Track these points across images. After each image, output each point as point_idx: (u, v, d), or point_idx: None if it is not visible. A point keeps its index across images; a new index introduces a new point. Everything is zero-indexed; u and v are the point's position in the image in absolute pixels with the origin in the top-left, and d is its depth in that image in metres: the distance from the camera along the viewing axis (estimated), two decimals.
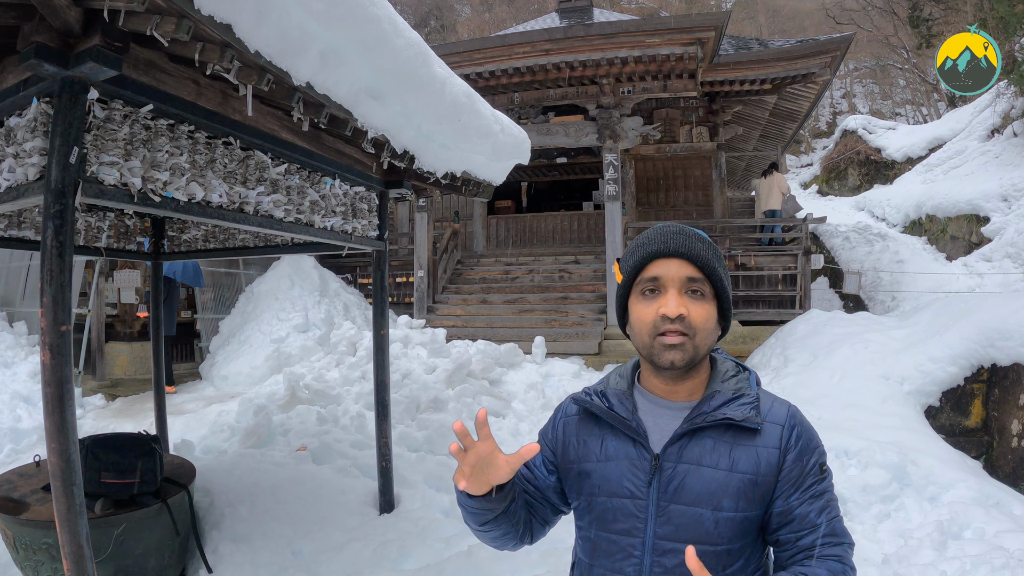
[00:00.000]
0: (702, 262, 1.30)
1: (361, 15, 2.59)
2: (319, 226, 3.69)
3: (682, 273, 1.30)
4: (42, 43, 2.14)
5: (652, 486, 1.30)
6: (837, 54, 11.28)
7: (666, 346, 1.28)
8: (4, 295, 9.33)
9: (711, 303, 1.32)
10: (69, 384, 2.30)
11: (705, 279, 1.30)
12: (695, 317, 1.28)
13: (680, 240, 1.31)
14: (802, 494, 1.28)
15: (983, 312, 6.81)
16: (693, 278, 1.30)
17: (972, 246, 12.59)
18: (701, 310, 1.29)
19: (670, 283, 1.30)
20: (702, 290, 1.30)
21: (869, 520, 4.70)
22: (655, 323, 1.29)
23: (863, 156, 23.14)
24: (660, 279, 1.31)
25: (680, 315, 1.27)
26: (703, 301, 1.30)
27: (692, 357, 1.29)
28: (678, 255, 1.30)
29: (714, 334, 1.33)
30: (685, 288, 1.30)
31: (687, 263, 1.30)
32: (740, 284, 11.05)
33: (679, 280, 1.30)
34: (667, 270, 1.31)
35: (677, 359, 1.28)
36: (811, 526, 1.26)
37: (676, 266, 1.30)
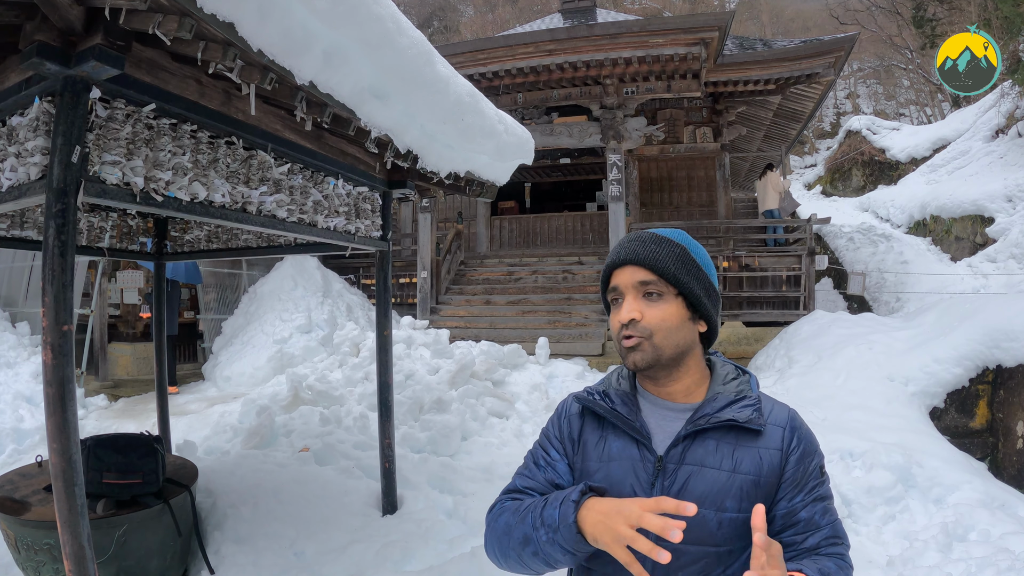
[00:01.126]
0: (652, 264, 1.33)
1: (364, 14, 2.58)
2: (322, 226, 3.68)
3: (634, 278, 1.35)
4: (44, 42, 2.14)
5: (656, 487, 1.30)
6: (841, 54, 11.26)
7: (626, 349, 1.34)
8: (7, 295, 9.34)
9: (671, 303, 1.34)
10: (71, 384, 2.29)
11: (659, 279, 1.33)
12: (649, 318, 1.32)
13: (632, 247, 1.36)
14: (806, 496, 1.31)
15: (988, 313, 6.79)
16: (645, 281, 1.34)
17: (977, 247, 12.55)
18: (655, 311, 1.33)
19: (625, 290, 1.36)
20: (657, 291, 1.33)
21: (874, 522, 4.68)
22: (619, 330, 1.35)
23: (867, 157, 23.09)
24: (618, 288, 1.38)
25: (632, 319, 1.32)
26: (659, 302, 1.34)
27: (654, 357, 1.33)
28: (628, 262, 1.36)
29: (679, 332, 1.35)
30: (640, 292, 1.34)
31: (638, 268, 1.34)
32: (744, 285, 11.03)
33: (631, 285, 1.35)
34: (621, 279, 1.37)
35: (637, 360, 1.33)
36: (815, 527, 1.30)
37: (628, 273, 1.36)
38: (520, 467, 1.51)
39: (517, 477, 1.48)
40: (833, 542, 1.31)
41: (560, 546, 1.23)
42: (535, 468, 1.47)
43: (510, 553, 1.35)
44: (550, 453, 1.47)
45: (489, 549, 1.41)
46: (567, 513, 1.22)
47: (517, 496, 1.44)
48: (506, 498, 1.45)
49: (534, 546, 1.28)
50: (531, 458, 1.50)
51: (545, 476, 1.44)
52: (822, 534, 1.30)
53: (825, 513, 1.32)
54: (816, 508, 1.31)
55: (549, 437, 1.49)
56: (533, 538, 1.28)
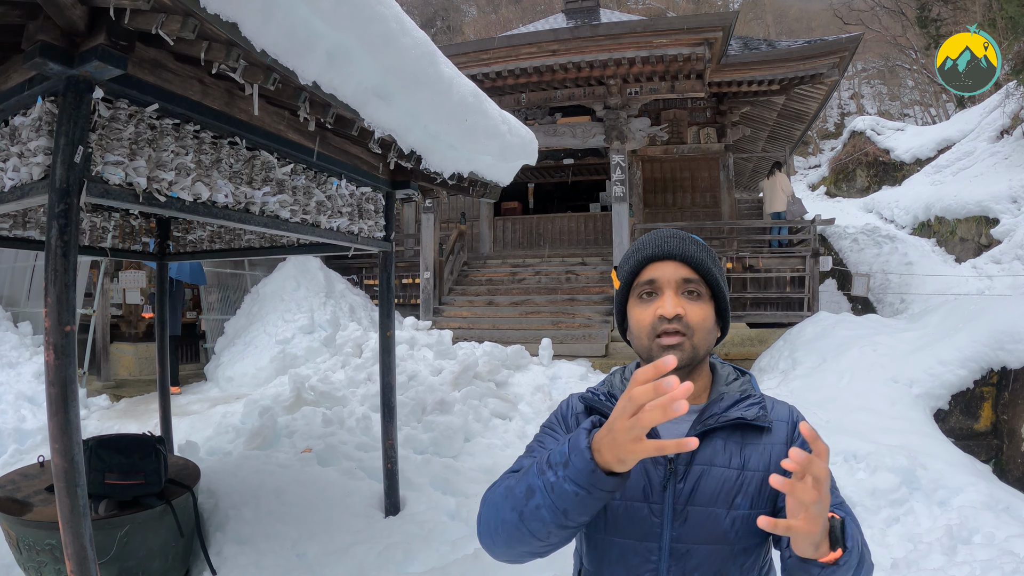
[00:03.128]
0: (697, 263, 1.32)
1: (368, 14, 2.57)
2: (325, 227, 3.68)
3: (678, 275, 1.32)
4: (47, 42, 2.14)
5: (667, 490, 1.30)
6: (845, 55, 11.24)
7: (664, 346, 1.29)
8: (9, 295, 9.36)
9: (708, 303, 1.33)
10: (73, 384, 2.29)
11: (701, 280, 1.32)
12: (692, 317, 1.30)
13: (674, 243, 1.34)
14: None
15: (993, 314, 6.77)
16: (688, 279, 1.32)
17: (981, 248, 12.51)
18: (698, 310, 1.31)
19: (666, 285, 1.32)
20: (698, 290, 1.32)
21: (878, 524, 4.66)
22: (653, 324, 1.30)
23: (871, 157, 23.06)
24: (656, 281, 1.33)
25: (677, 315, 1.28)
26: (700, 301, 1.32)
27: (691, 357, 1.30)
28: (672, 257, 1.33)
29: (712, 334, 1.34)
30: (681, 289, 1.32)
31: (682, 265, 1.32)
32: (748, 286, 11.01)
33: (675, 281, 1.32)
34: (663, 272, 1.33)
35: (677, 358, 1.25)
36: None
37: (672, 268, 1.33)
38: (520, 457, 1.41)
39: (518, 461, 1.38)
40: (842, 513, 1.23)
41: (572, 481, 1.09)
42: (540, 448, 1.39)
43: (507, 516, 1.22)
44: (558, 436, 1.40)
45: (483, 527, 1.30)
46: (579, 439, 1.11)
47: None
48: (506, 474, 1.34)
49: (541, 495, 1.14)
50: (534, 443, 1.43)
51: None
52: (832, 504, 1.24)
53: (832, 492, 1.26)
54: None
55: (554, 428, 1.45)
56: (539, 485, 1.15)
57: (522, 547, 1.24)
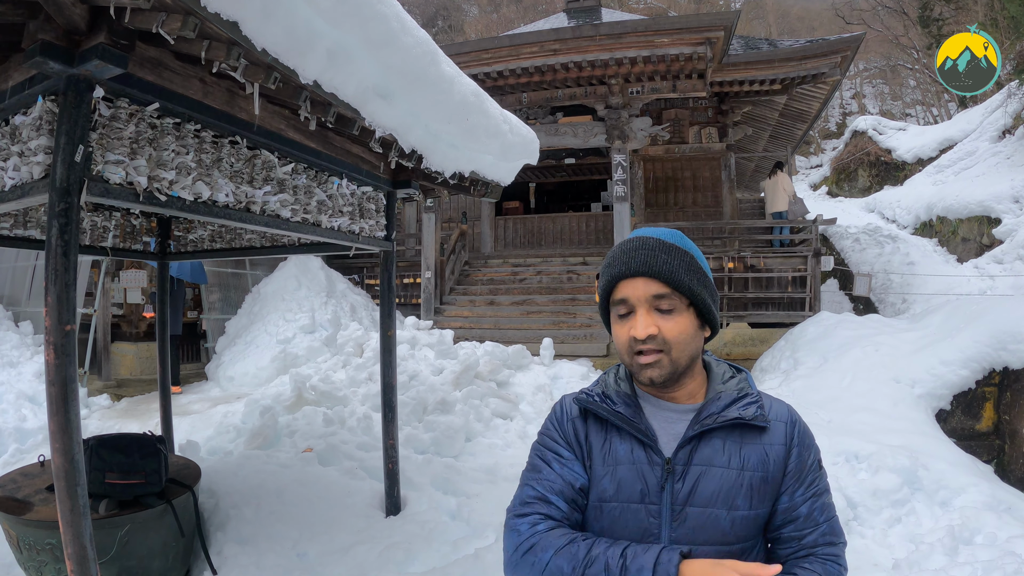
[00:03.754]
0: (666, 276, 1.29)
1: (369, 12, 2.56)
2: (326, 226, 3.67)
3: (648, 291, 1.30)
4: (47, 41, 2.13)
5: (665, 490, 1.30)
6: (847, 54, 11.23)
7: (642, 365, 1.29)
8: (10, 295, 9.36)
9: (684, 314, 1.31)
10: (73, 384, 2.28)
11: (673, 292, 1.29)
12: (667, 333, 1.28)
13: (642, 257, 1.31)
14: (805, 491, 1.32)
15: (995, 315, 6.76)
16: (660, 295, 1.29)
17: (983, 248, 12.49)
18: (673, 325, 1.29)
19: (637, 303, 1.31)
20: (671, 305, 1.30)
21: (880, 525, 4.65)
22: (630, 344, 1.30)
23: (873, 157, 23.04)
24: (628, 300, 1.31)
25: (650, 335, 1.28)
26: (674, 315, 1.30)
27: (671, 371, 1.30)
28: (640, 274, 1.30)
29: (694, 342, 1.33)
30: (653, 305, 1.30)
31: (651, 280, 1.29)
32: (749, 286, 11.00)
33: (645, 299, 1.30)
34: (633, 291, 1.31)
35: (655, 375, 1.29)
36: (814, 524, 1.31)
37: (642, 285, 1.30)
38: (526, 474, 1.42)
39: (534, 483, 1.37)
40: (830, 540, 1.31)
41: None
42: (548, 469, 1.38)
43: None
44: (562, 453, 1.39)
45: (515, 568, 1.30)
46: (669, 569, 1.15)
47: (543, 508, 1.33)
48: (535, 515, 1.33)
49: None
50: (541, 462, 1.40)
51: (564, 479, 1.35)
52: (820, 531, 1.30)
53: (824, 509, 1.32)
54: (816, 504, 1.31)
55: (555, 439, 1.42)
56: None
57: None
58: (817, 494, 1.32)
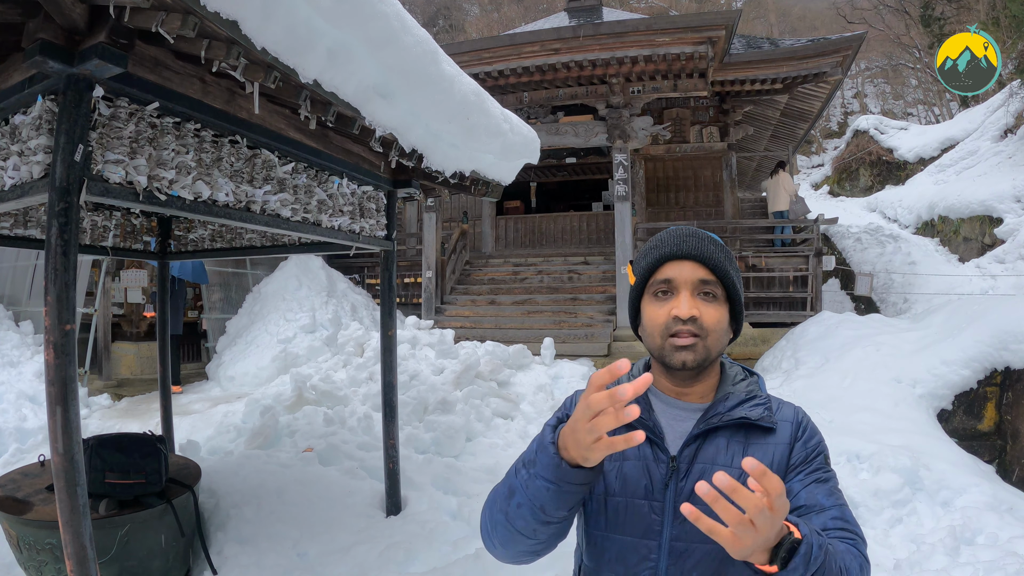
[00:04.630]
0: (714, 264, 1.30)
1: (369, 11, 2.56)
2: (326, 225, 3.67)
3: (695, 275, 1.30)
4: (47, 40, 2.13)
5: (669, 488, 1.29)
6: (848, 53, 11.20)
7: (677, 347, 1.28)
8: (10, 294, 9.35)
9: (723, 306, 1.32)
10: (73, 383, 2.28)
11: (717, 282, 1.31)
12: (707, 319, 1.28)
13: (693, 243, 1.32)
14: (806, 476, 1.28)
15: (996, 314, 6.75)
16: (706, 280, 1.30)
17: (985, 247, 12.47)
18: (713, 312, 1.30)
19: (682, 285, 1.30)
20: (714, 292, 1.30)
21: (881, 525, 4.65)
22: (667, 324, 1.29)
23: (875, 156, 23.00)
24: (673, 281, 1.31)
25: (692, 316, 1.27)
26: (715, 303, 1.31)
27: (704, 358, 1.29)
28: (691, 257, 1.31)
29: (725, 336, 1.33)
30: (697, 290, 1.30)
31: (700, 265, 1.31)
32: (751, 285, 10.98)
33: (691, 282, 1.30)
34: (680, 272, 1.31)
35: (689, 359, 1.28)
36: (819, 507, 1.25)
37: (689, 268, 1.31)
38: None
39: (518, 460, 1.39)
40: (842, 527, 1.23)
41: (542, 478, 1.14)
42: None
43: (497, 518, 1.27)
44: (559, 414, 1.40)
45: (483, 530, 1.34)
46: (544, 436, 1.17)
47: None
48: None
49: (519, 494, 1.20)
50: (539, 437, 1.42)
51: None
52: (828, 515, 1.23)
53: (830, 495, 1.27)
54: (818, 489, 1.27)
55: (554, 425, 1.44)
56: (516, 484, 1.22)
57: (516, 547, 1.28)
58: (819, 480, 1.28)
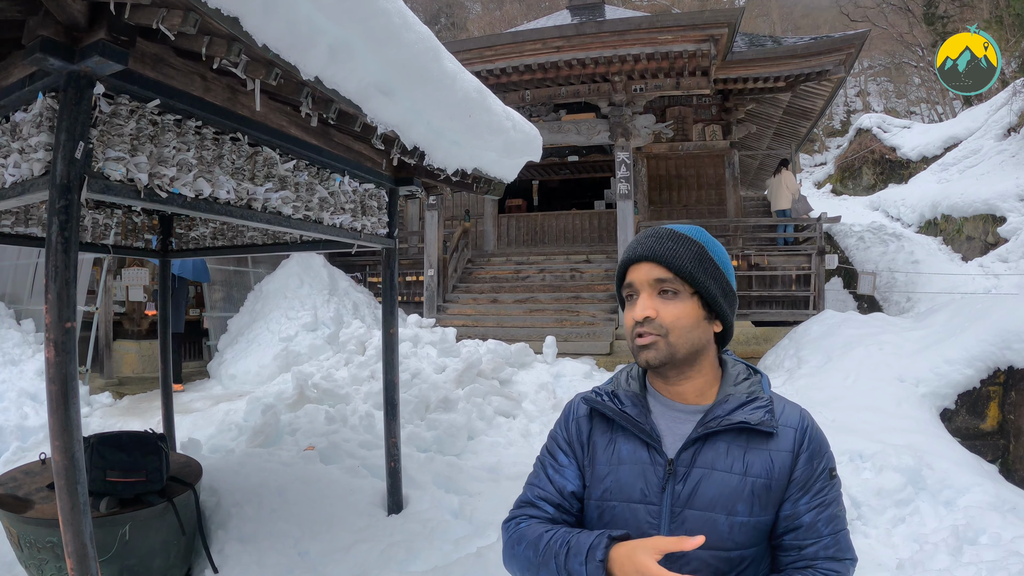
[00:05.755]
0: (668, 261, 1.31)
1: (370, 8, 2.55)
2: (328, 223, 3.66)
3: (650, 276, 1.33)
4: (47, 37, 2.12)
5: (666, 491, 1.29)
6: (852, 51, 11.18)
7: (639, 347, 1.32)
8: (12, 293, 9.35)
9: (687, 301, 1.32)
10: (74, 381, 2.27)
11: (675, 278, 1.31)
12: (665, 316, 1.30)
13: (649, 244, 1.35)
14: (811, 499, 1.28)
15: (999, 313, 6.73)
16: (661, 279, 1.32)
17: (988, 246, 12.46)
18: (673, 309, 1.31)
19: (640, 287, 1.34)
20: (674, 289, 1.32)
21: (883, 524, 4.63)
22: (633, 327, 1.34)
23: (877, 155, 22.96)
24: (633, 284, 1.36)
25: (647, 317, 1.31)
26: (676, 300, 1.32)
27: (668, 355, 1.31)
28: (645, 258, 1.34)
29: (695, 331, 1.33)
30: (656, 289, 1.32)
31: (655, 265, 1.32)
32: (753, 284, 10.97)
33: (647, 283, 1.33)
34: (637, 275, 1.35)
35: (651, 358, 1.31)
36: (817, 536, 1.28)
37: (645, 269, 1.34)
38: (530, 475, 1.49)
39: (528, 488, 1.46)
40: (833, 555, 1.27)
41: None
42: (544, 477, 1.45)
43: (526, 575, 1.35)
44: (558, 458, 1.44)
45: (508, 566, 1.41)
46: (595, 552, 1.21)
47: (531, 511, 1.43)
48: (521, 516, 1.43)
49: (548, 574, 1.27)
50: (540, 465, 1.47)
51: (555, 485, 1.42)
52: (822, 544, 1.27)
53: (830, 521, 1.28)
54: (821, 515, 1.28)
55: (557, 440, 1.47)
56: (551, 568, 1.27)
57: None
58: (824, 504, 1.29)
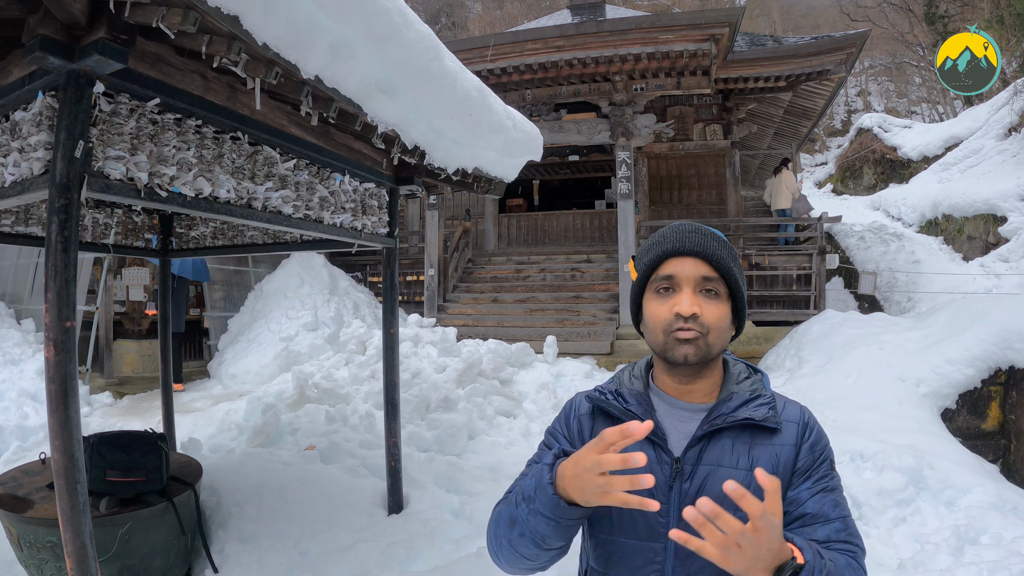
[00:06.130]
0: (717, 261, 1.29)
1: (371, 6, 2.54)
2: (328, 223, 3.65)
3: (697, 272, 1.29)
4: (47, 36, 2.11)
5: (673, 490, 1.29)
6: (852, 51, 11.17)
7: (679, 340, 1.28)
8: (12, 292, 9.35)
9: (725, 303, 1.31)
10: (73, 381, 2.27)
11: (720, 279, 1.30)
12: (708, 316, 1.28)
13: (696, 239, 1.31)
14: (814, 484, 1.28)
15: (1000, 313, 6.73)
16: (708, 277, 1.29)
17: (989, 246, 12.45)
18: (715, 309, 1.29)
19: (684, 282, 1.30)
20: (716, 289, 1.30)
21: (885, 524, 4.63)
22: (669, 321, 1.29)
23: (878, 155, 22.95)
24: (675, 277, 1.31)
25: (694, 314, 1.27)
26: (717, 300, 1.30)
27: (705, 354, 1.28)
28: (693, 254, 1.30)
29: (727, 333, 1.33)
30: (699, 287, 1.30)
31: (702, 262, 1.30)
32: (754, 284, 10.97)
33: (693, 279, 1.29)
34: (682, 269, 1.30)
35: (690, 353, 1.27)
36: (824, 519, 1.26)
37: (691, 265, 1.30)
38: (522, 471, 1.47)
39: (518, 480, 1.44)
40: (845, 539, 1.25)
41: (541, 515, 1.20)
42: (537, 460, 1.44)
43: (502, 541, 1.32)
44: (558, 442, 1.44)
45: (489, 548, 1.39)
46: (542, 476, 1.20)
47: None
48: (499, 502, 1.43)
49: (520, 525, 1.25)
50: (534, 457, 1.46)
51: None
52: (833, 527, 1.25)
53: (836, 506, 1.27)
54: (825, 499, 1.27)
55: (556, 436, 1.45)
56: (517, 515, 1.26)
57: (520, 565, 1.34)
58: (827, 489, 1.28)
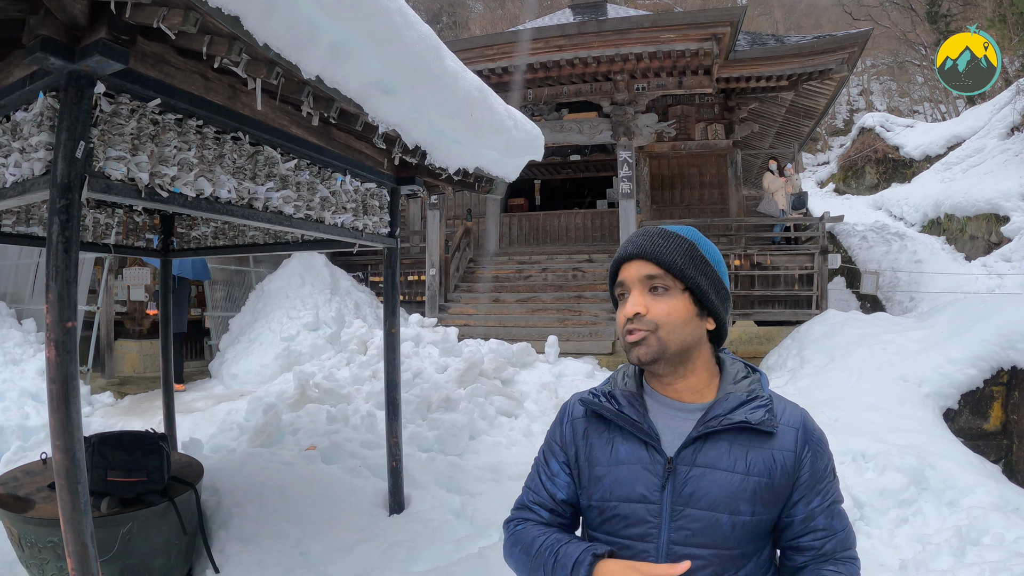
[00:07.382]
0: (659, 258, 1.32)
1: (371, 6, 2.54)
2: (329, 223, 3.65)
3: (640, 272, 1.34)
4: (48, 36, 2.11)
5: (666, 490, 1.29)
6: (854, 50, 11.16)
7: (630, 344, 1.33)
8: (13, 292, 9.37)
9: (678, 297, 1.33)
10: (74, 381, 2.27)
11: (666, 274, 1.32)
12: (656, 312, 1.31)
13: (640, 242, 1.36)
14: (823, 500, 1.31)
15: (1003, 313, 6.72)
16: (651, 275, 1.33)
17: (991, 246, 12.43)
18: (663, 305, 1.31)
19: (632, 284, 1.35)
20: (663, 285, 1.32)
21: (886, 525, 4.62)
22: (624, 324, 1.34)
23: (880, 154, 22.92)
24: (624, 283, 1.37)
25: (637, 313, 1.31)
26: (666, 296, 1.32)
27: (659, 351, 1.31)
28: (635, 256, 1.35)
29: (686, 327, 1.33)
30: (646, 286, 1.33)
31: (644, 262, 1.33)
32: (756, 284, 10.96)
33: (638, 280, 1.34)
34: (628, 273, 1.36)
35: (641, 354, 1.32)
36: (833, 533, 1.31)
37: (635, 267, 1.35)
38: (528, 478, 1.52)
39: (525, 491, 1.50)
40: (847, 547, 1.32)
41: None
42: (538, 482, 1.48)
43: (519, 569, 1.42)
44: (551, 466, 1.47)
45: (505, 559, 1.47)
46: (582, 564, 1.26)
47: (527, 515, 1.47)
48: (518, 518, 1.48)
49: None
50: (535, 470, 1.51)
51: (547, 491, 1.46)
52: (838, 539, 1.31)
53: (841, 518, 1.34)
54: (834, 512, 1.32)
55: (551, 445, 1.49)
56: None
57: None
58: (834, 502, 1.33)
